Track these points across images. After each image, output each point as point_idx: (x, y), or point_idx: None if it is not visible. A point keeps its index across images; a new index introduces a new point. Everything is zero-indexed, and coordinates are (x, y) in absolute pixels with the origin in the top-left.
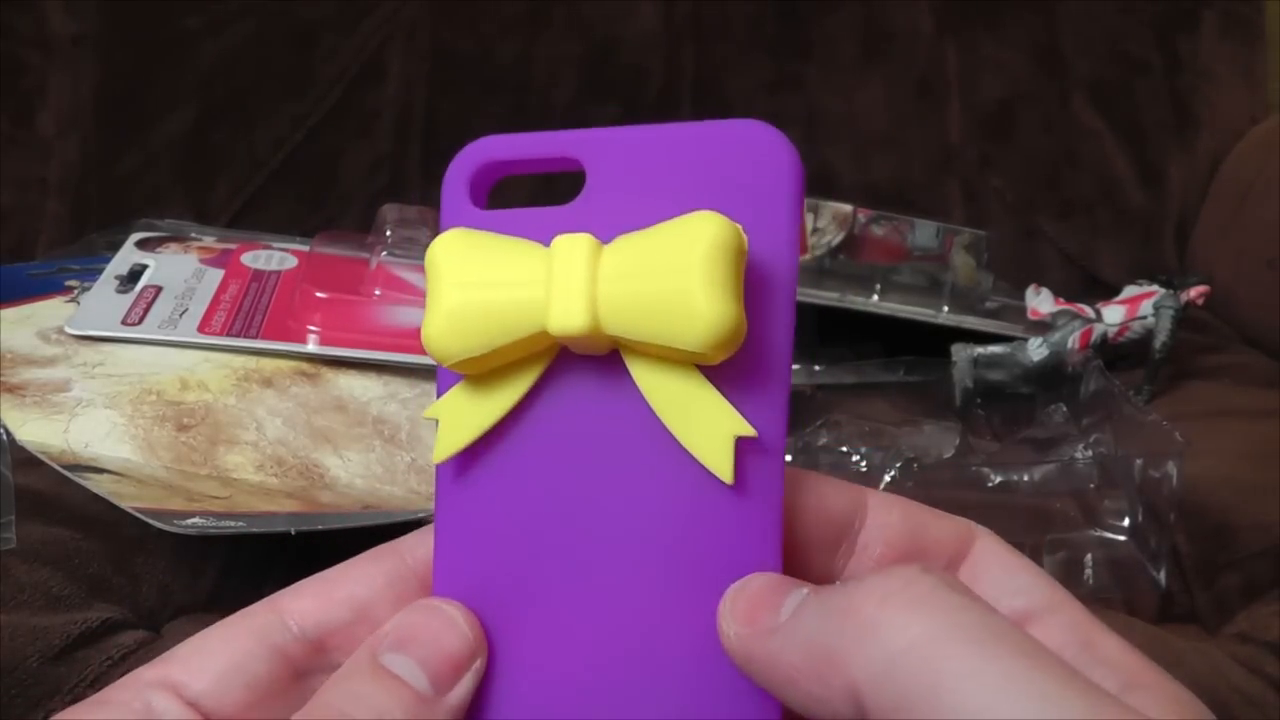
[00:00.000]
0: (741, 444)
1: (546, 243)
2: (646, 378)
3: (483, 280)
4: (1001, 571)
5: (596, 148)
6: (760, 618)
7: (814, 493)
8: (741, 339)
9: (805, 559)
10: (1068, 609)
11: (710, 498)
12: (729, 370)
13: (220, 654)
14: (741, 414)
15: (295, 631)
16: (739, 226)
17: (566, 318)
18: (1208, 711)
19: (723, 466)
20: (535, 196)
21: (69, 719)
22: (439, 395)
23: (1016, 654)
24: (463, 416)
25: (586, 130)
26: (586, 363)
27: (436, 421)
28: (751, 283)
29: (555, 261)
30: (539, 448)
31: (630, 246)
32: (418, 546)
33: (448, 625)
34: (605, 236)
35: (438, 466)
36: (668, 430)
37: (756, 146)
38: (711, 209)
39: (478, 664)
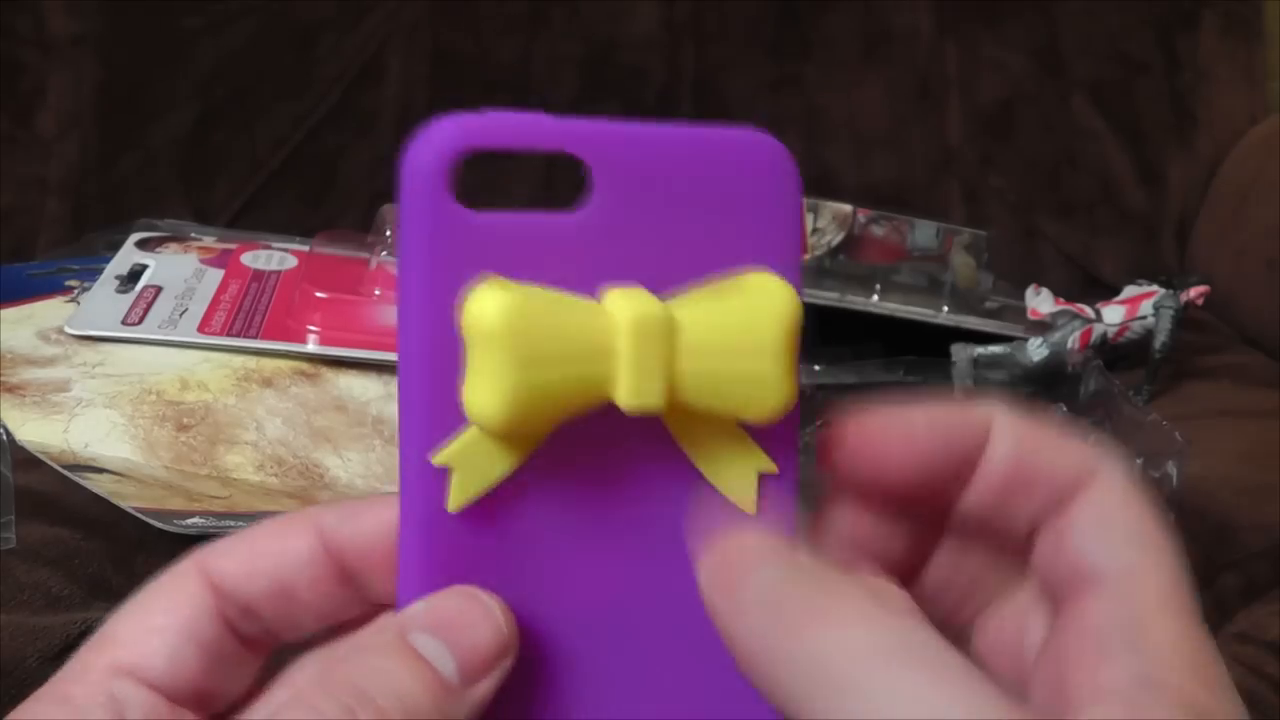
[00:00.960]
0: (762, 477)
1: (562, 258)
2: (676, 422)
3: (550, 355)
4: (1093, 523)
5: (601, 145)
6: (731, 588)
7: (937, 432)
8: None
9: (922, 499)
10: (1139, 581)
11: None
12: None
13: (166, 628)
14: (764, 449)
15: (229, 602)
16: (794, 290)
17: (643, 398)
18: None
19: (747, 499)
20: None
21: (28, 718)
22: (423, 431)
23: (920, 666)
24: (479, 462)
25: (588, 122)
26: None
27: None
28: None
29: (633, 334)
30: (557, 488)
31: (705, 316)
32: (340, 526)
33: (485, 616)
34: (620, 252)
35: (420, 499)
36: (689, 463)
37: (762, 159)
38: (725, 229)
39: (506, 662)
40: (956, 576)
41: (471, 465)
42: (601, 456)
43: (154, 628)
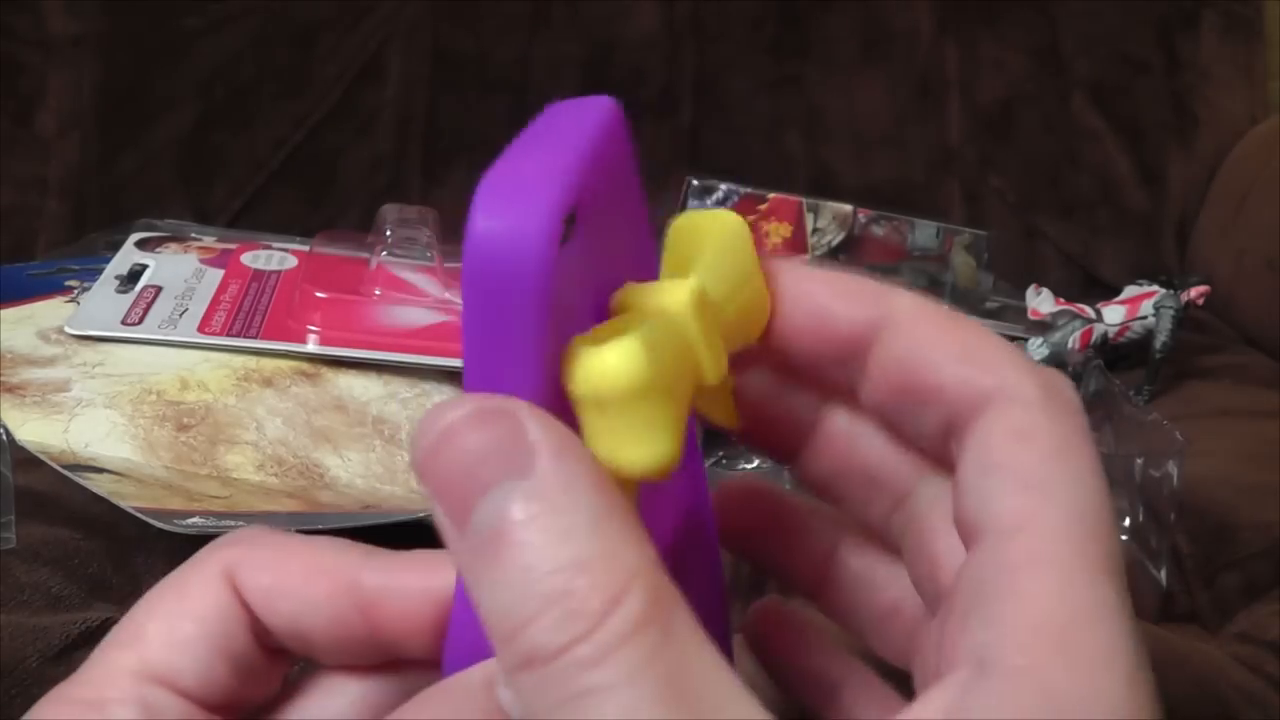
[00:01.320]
0: None
1: (575, 286)
2: None
3: (677, 380)
4: (977, 466)
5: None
6: (449, 515)
7: (821, 298)
8: None
9: (819, 366)
10: (1020, 540)
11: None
12: None
13: (198, 641)
14: None
15: (254, 620)
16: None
17: (718, 369)
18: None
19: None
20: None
21: (57, 718)
22: None
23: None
24: None
25: (573, 167)
26: None
27: None
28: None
29: (697, 324)
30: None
31: (717, 279)
32: (380, 583)
33: None
34: (608, 265)
35: None
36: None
37: (612, 118)
38: (624, 199)
39: None
40: (864, 463)
41: None
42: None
43: (184, 635)
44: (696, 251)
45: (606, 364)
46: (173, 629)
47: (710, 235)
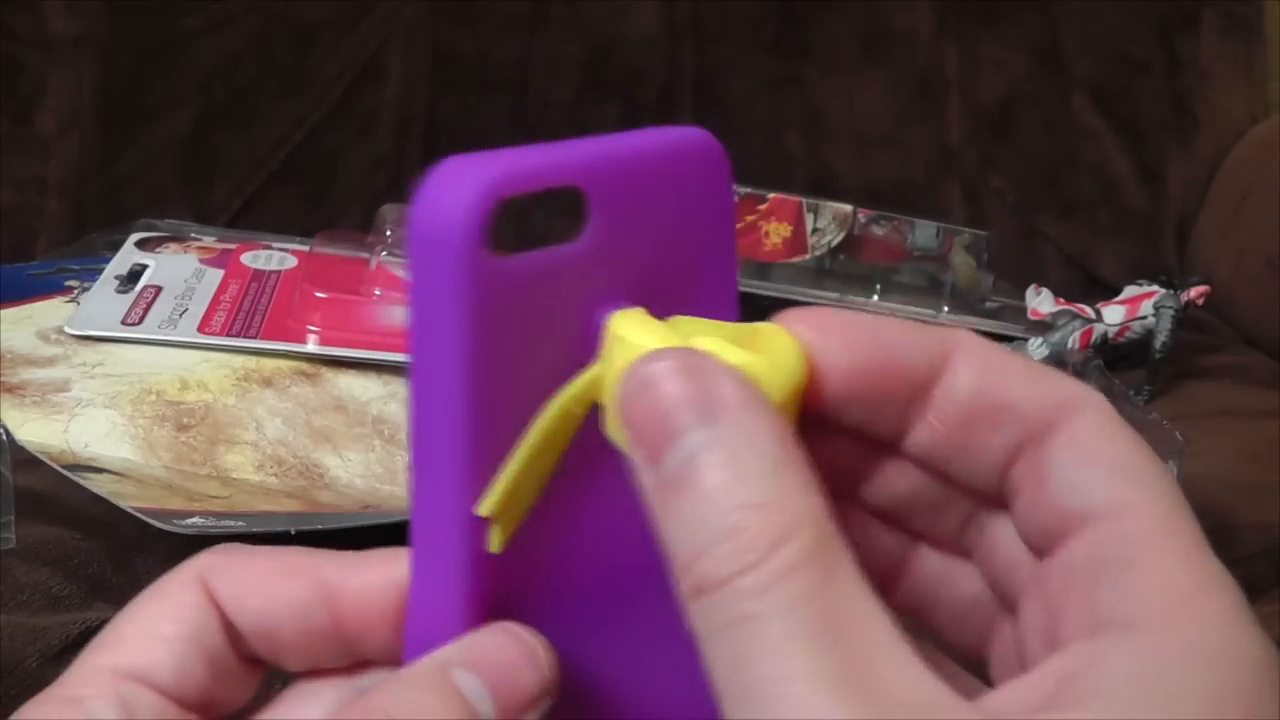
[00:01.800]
0: None
1: (570, 290)
2: None
3: None
4: (1074, 460)
5: (595, 171)
6: (647, 443)
7: (877, 340)
8: None
9: (867, 413)
10: (1129, 519)
11: None
12: None
13: (174, 639)
14: None
15: (226, 623)
16: (802, 349)
17: None
18: (1250, 676)
19: None
20: None
21: (36, 719)
22: (455, 478)
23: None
24: (517, 505)
25: (581, 148)
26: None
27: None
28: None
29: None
30: (568, 516)
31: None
32: (342, 579)
33: (527, 656)
34: (614, 274)
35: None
36: None
37: (708, 159)
38: (691, 233)
39: (545, 704)
40: (918, 510)
41: (511, 507)
42: (601, 480)
43: (161, 635)
44: (750, 347)
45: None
46: (149, 630)
47: (765, 346)
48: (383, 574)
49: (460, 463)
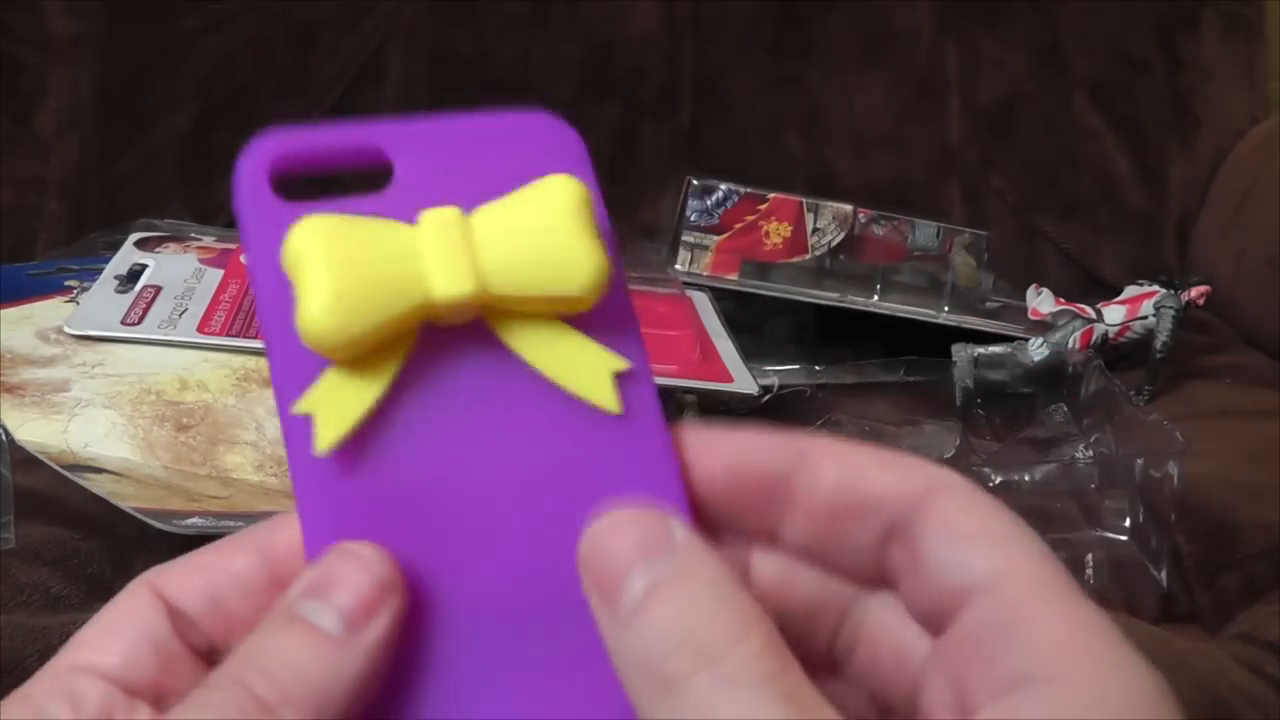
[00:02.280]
0: (618, 377)
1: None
2: (516, 334)
3: (358, 258)
4: (945, 540)
5: (400, 140)
6: (605, 586)
7: (733, 449)
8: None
9: (736, 516)
10: (1009, 583)
11: (599, 433)
12: (586, 320)
13: (121, 630)
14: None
15: (172, 611)
16: (578, 179)
17: (453, 284)
18: (1149, 704)
19: (608, 399)
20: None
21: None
22: (288, 389)
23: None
24: (339, 404)
25: (385, 122)
26: (451, 333)
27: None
28: None
29: (428, 233)
30: (419, 419)
31: (495, 213)
32: (269, 535)
33: (360, 566)
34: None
35: (302, 456)
36: (545, 379)
37: (551, 139)
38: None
39: (392, 601)
40: (801, 600)
41: (331, 406)
42: (457, 387)
43: (108, 629)
44: (519, 194)
45: (290, 234)
46: (100, 628)
47: (536, 187)
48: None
49: (280, 367)
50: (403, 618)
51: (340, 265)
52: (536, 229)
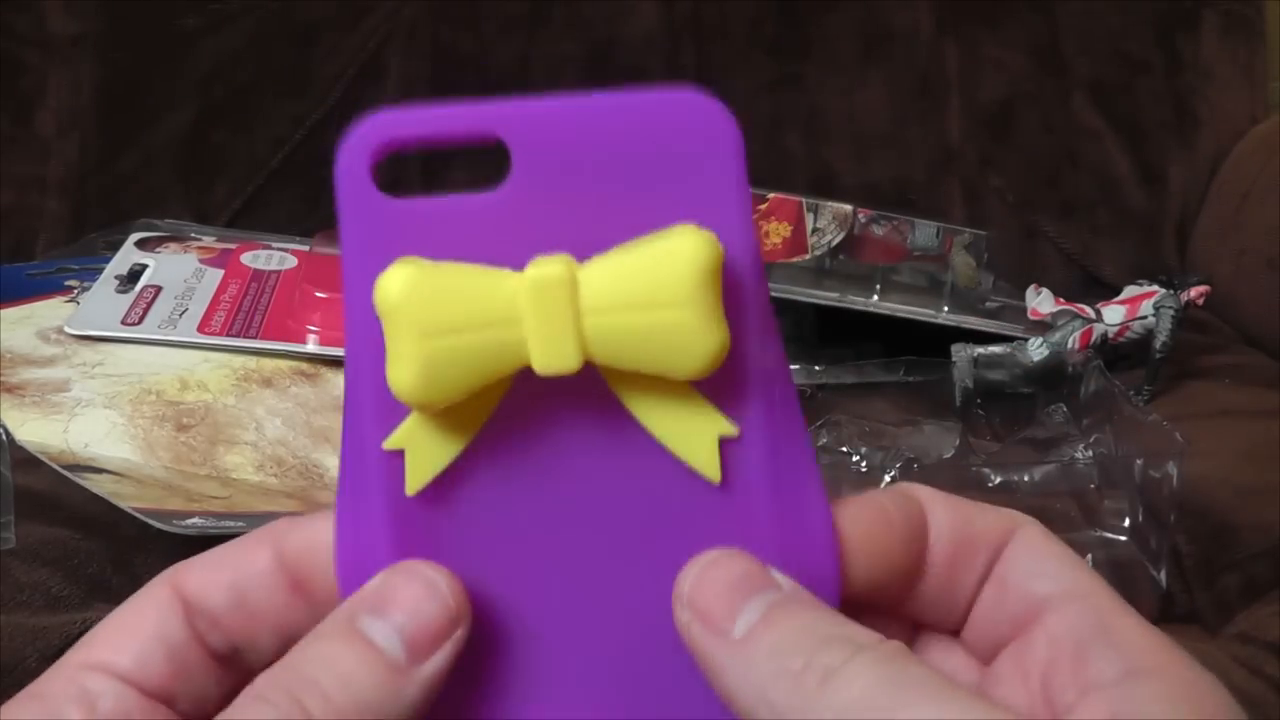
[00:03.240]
0: (729, 443)
1: (486, 240)
2: (622, 382)
3: (454, 324)
4: (1032, 558)
5: (519, 122)
6: (715, 619)
7: (879, 512)
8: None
9: (889, 575)
10: (1090, 596)
11: (699, 499)
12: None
13: (137, 630)
14: (726, 413)
15: (193, 608)
16: (715, 237)
17: (555, 359)
18: (1226, 697)
19: (709, 467)
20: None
21: (7, 718)
22: (373, 418)
23: (930, 699)
24: (431, 443)
25: (505, 102)
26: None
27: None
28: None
29: (531, 297)
30: (513, 462)
31: (611, 271)
32: (288, 534)
33: (429, 591)
34: (549, 229)
35: (386, 491)
36: (648, 433)
37: (697, 119)
38: (659, 193)
39: (458, 634)
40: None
41: (423, 446)
42: (557, 427)
43: (123, 628)
44: (639, 249)
45: (382, 281)
46: (116, 627)
47: (661, 242)
48: (325, 524)
49: (368, 396)
50: (463, 652)
51: (433, 334)
52: (653, 303)
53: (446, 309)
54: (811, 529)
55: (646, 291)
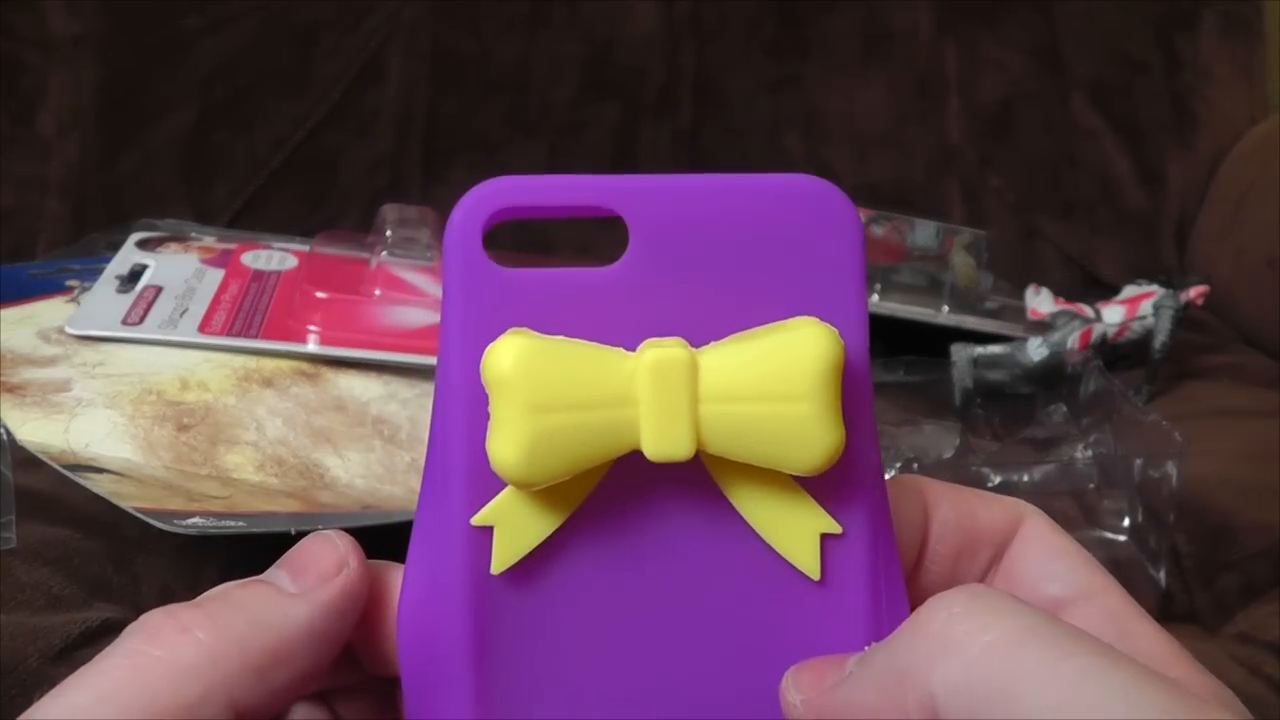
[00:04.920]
0: (830, 539)
1: (597, 317)
2: (726, 473)
3: (565, 402)
4: (1042, 556)
5: (638, 198)
6: (825, 679)
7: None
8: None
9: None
10: (1105, 596)
11: (796, 593)
12: None
13: (117, 702)
14: (827, 509)
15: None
16: (838, 334)
17: (667, 445)
18: (1240, 707)
19: (809, 563)
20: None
21: None
22: (462, 491)
23: (1092, 652)
24: (522, 521)
25: (626, 177)
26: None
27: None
28: None
29: (647, 380)
30: (605, 547)
31: (732, 359)
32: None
33: (324, 544)
34: (663, 310)
35: (471, 567)
36: (746, 525)
37: (817, 207)
38: (778, 280)
39: (348, 568)
40: None
41: (513, 524)
42: (652, 514)
43: (105, 697)
44: (762, 338)
45: (493, 351)
46: (90, 685)
47: (784, 334)
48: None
49: (459, 468)
50: (357, 588)
51: (542, 410)
52: (774, 395)
53: (559, 385)
54: (862, 625)
55: (768, 383)
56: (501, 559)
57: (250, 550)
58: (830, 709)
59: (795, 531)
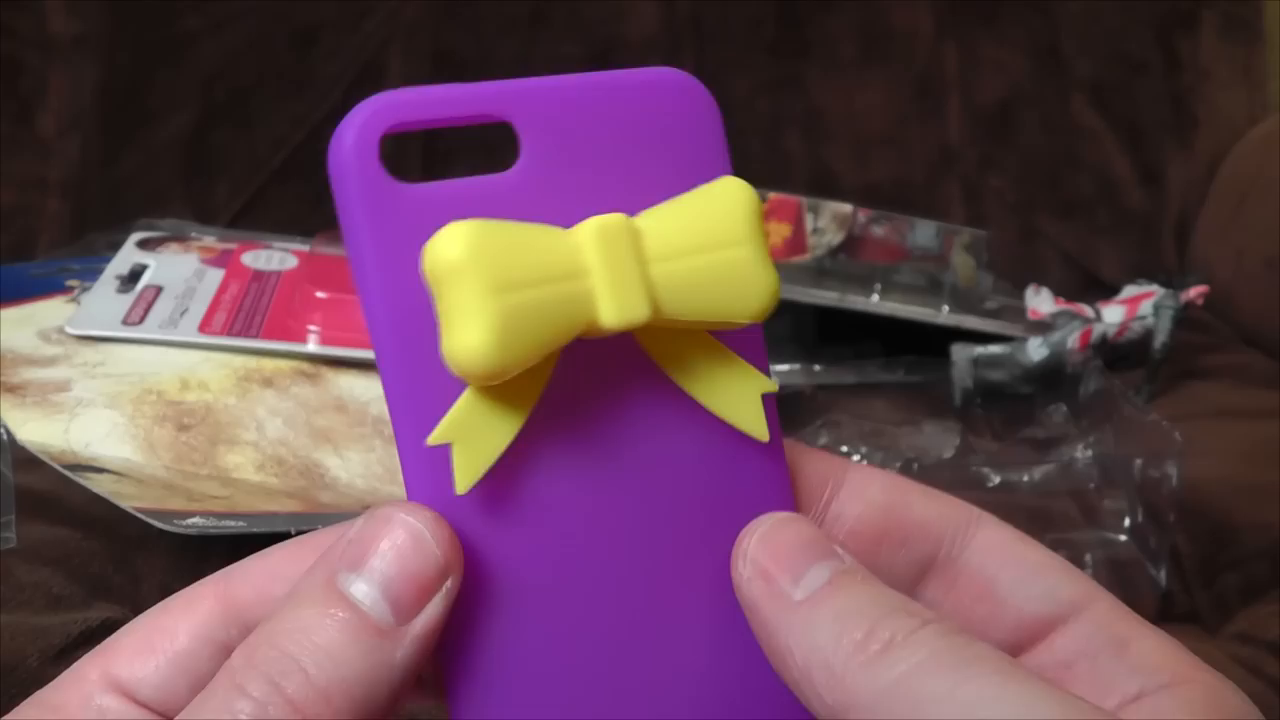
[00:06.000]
0: (768, 400)
1: (509, 212)
2: (664, 351)
3: (524, 279)
4: (1019, 575)
5: (522, 101)
6: (777, 579)
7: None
8: None
9: None
10: (1095, 606)
11: (739, 456)
12: (723, 333)
13: (162, 650)
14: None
15: (238, 626)
16: (748, 184)
17: (627, 310)
18: (1252, 708)
19: (757, 425)
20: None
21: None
22: (414, 412)
23: (994, 672)
24: (480, 431)
25: (506, 82)
26: (594, 348)
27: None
28: None
29: (596, 247)
30: (563, 448)
31: (667, 220)
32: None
33: (413, 539)
34: (571, 200)
35: (434, 491)
36: (688, 398)
37: (681, 95)
38: (663, 161)
39: (449, 585)
40: None
41: (471, 437)
42: (603, 409)
43: (152, 646)
44: (687, 201)
45: (437, 242)
46: (146, 641)
47: (705, 193)
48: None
49: (405, 391)
50: (456, 601)
51: (503, 289)
52: (716, 244)
53: (515, 263)
54: (784, 478)
55: (709, 234)
56: (465, 476)
57: (250, 550)
58: (767, 621)
59: (739, 396)
